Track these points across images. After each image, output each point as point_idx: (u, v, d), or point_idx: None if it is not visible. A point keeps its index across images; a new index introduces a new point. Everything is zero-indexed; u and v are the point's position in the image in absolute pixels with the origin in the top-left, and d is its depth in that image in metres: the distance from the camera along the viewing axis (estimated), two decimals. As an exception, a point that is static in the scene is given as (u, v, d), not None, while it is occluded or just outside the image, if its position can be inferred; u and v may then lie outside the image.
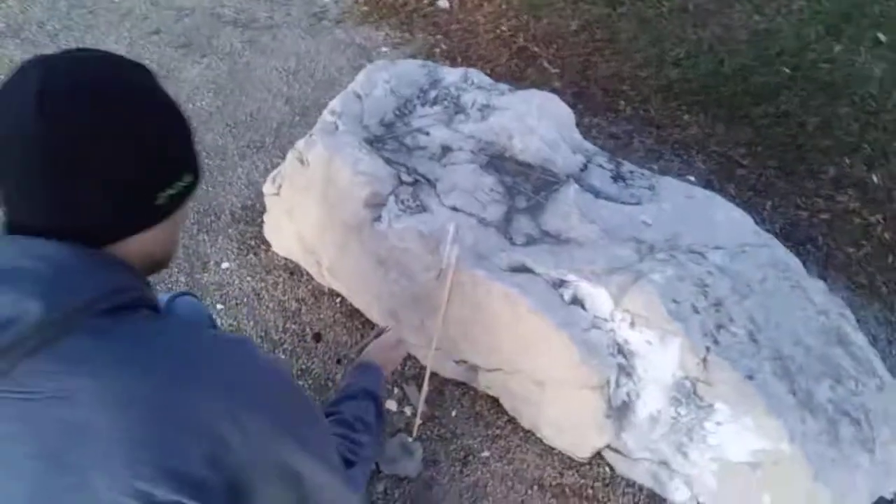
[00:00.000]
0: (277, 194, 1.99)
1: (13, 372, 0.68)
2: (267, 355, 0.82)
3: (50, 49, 2.83)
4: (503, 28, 3.05)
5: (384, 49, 2.98)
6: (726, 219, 1.75)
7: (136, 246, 0.82)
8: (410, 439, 1.76)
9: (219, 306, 2.03)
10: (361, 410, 1.21)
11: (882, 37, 2.98)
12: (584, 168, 1.82)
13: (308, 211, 1.90)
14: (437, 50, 2.97)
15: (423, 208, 1.72)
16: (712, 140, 2.65)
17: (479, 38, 3.02)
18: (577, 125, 2.03)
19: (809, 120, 2.68)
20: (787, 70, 2.87)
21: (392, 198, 1.74)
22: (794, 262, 1.73)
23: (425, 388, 1.72)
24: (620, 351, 1.55)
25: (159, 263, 0.89)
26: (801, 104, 2.74)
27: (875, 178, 2.50)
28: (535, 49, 2.98)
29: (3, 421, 0.69)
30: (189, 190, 0.86)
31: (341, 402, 1.24)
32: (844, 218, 2.40)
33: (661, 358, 1.51)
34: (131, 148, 0.77)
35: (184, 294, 1.33)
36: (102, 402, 0.68)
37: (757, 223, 1.81)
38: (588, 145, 1.95)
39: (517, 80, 2.84)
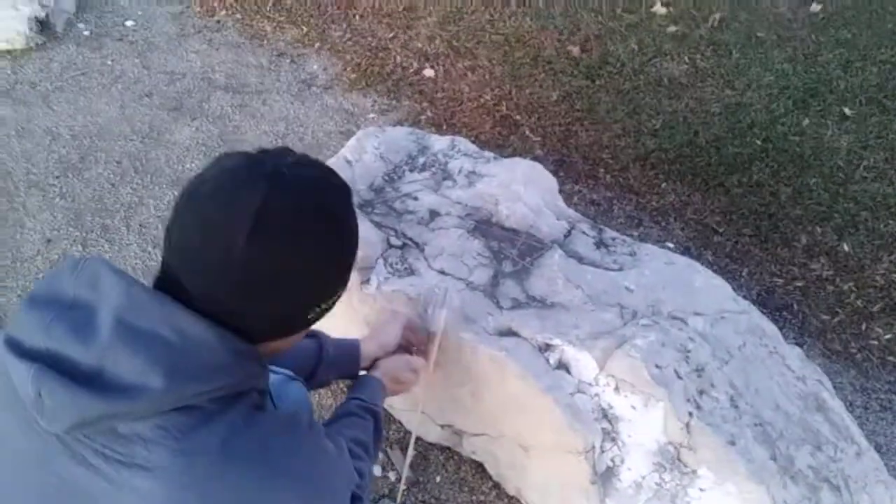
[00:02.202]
0: (266, 256, 2.01)
1: (118, 431, 0.70)
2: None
3: (41, 110, 2.88)
4: (487, 97, 3.15)
5: (371, 115, 3.07)
6: (706, 285, 1.80)
7: (271, 343, 0.85)
8: (394, 505, 1.75)
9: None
10: (359, 429, 1.23)
11: (847, 111, 3.13)
12: (568, 234, 1.87)
13: (296, 273, 1.92)
14: (423, 117, 3.06)
15: (411, 271, 1.75)
16: (689, 208, 2.73)
17: (464, 106, 3.12)
18: (560, 192, 2.09)
19: (781, 190, 2.79)
20: (759, 142, 2.99)
21: (381, 261, 1.77)
22: (772, 328, 1.78)
23: (410, 452, 1.71)
24: (605, 416, 1.57)
25: (280, 354, 0.91)
26: (773, 174, 2.85)
27: (846, 247, 2.58)
28: (518, 118, 3.08)
29: (94, 476, 0.71)
30: (335, 302, 0.88)
31: (339, 419, 1.27)
32: (818, 285, 2.47)
33: (645, 423, 1.53)
34: (315, 275, 0.81)
35: (295, 379, 1.34)
36: (178, 484, 0.70)
37: (735, 290, 1.86)
38: (571, 212, 2.01)
39: (500, 147, 2.93)
